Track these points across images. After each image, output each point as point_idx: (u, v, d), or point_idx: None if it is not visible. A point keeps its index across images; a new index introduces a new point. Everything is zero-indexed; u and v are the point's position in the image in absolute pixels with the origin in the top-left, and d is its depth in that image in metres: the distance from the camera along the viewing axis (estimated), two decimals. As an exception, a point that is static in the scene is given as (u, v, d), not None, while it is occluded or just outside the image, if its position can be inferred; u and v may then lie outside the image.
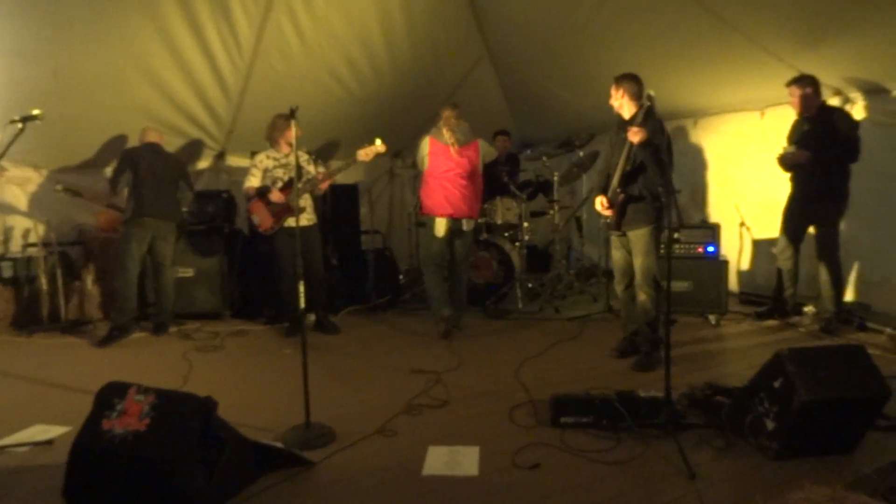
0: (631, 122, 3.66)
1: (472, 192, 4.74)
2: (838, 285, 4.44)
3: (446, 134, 4.65)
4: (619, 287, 4.02)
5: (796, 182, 4.59)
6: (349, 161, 4.61)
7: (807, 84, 4.34)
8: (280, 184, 4.72)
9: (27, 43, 4.46)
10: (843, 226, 4.53)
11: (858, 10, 3.83)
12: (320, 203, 5.31)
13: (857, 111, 4.69)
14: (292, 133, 4.60)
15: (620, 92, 3.77)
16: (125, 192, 4.86)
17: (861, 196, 4.74)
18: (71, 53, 4.68)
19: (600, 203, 3.89)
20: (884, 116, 4.57)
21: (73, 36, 4.56)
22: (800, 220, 4.59)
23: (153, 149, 4.99)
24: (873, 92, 4.63)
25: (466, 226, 4.76)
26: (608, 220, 3.92)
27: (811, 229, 4.58)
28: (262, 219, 4.73)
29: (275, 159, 4.79)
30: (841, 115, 4.38)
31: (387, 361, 4.15)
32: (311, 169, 4.84)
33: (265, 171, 4.76)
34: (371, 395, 3.45)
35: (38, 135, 5.04)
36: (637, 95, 3.73)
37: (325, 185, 4.84)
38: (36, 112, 3.06)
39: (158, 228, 4.90)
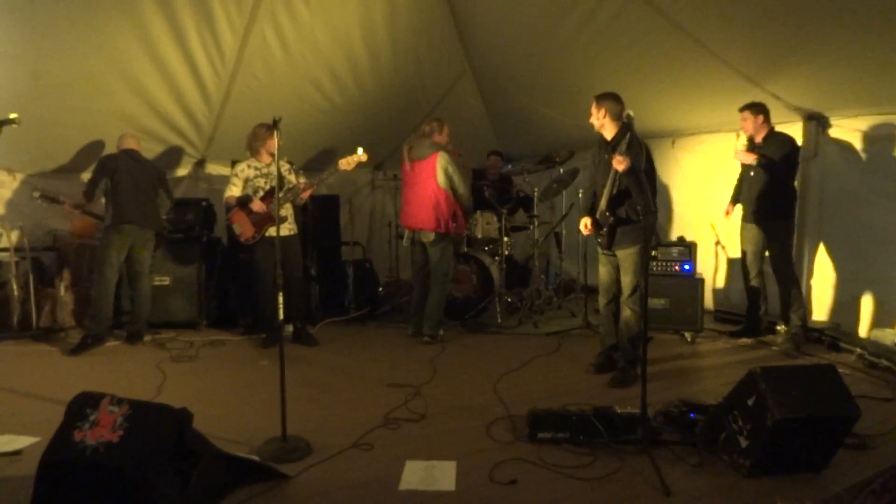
0: (614, 144, 3.75)
1: (428, 205, 4.83)
2: (796, 301, 4.60)
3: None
4: (602, 302, 4.07)
5: (745, 203, 4.84)
6: (331, 170, 4.60)
7: (759, 111, 4.60)
8: (261, 193, 4.69)
9: (5, 45, 4.39)
10: (813, 246, 4.66)
11: (825, 36, 3.95)
12: (300, 213, 5.28)
13: (832, 132, 4.84)
14: (274, 143, 4.60)
15: (602, 111, 3.82)
16: (101, 199, 4.81)
17: (831, 217, 4.88)
18: (50, 56, 4.61)
19: (584, 225, 3.95)
20: (849, 138, 4.72)
21: (53, 39, 4.49)
22: (748, 239, 4.84)
23: (131, 155, 4.93)
24: (840, 115, 4.77)
25: (424, 238, 4.90)
26: (599, 240, 3.97)
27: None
28: (243, 228, 4.69)
29: (256, 168, 4.77)
30: (783, 139, 4.61)
31: (364, 374, 4.13)
32: (291, 178, 4.82)
33: (246, 180, 4.74)
34: (348, 409, 3.43)
35: (15, 138, 4.96)
36: (618, 115, 3.78)
37: (306, 195, 4.81)
38: (13, 116, 3.02)
39: (138, 236, 4.84)
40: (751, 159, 4.53)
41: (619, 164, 3.55)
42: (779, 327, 4.78)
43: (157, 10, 4.54)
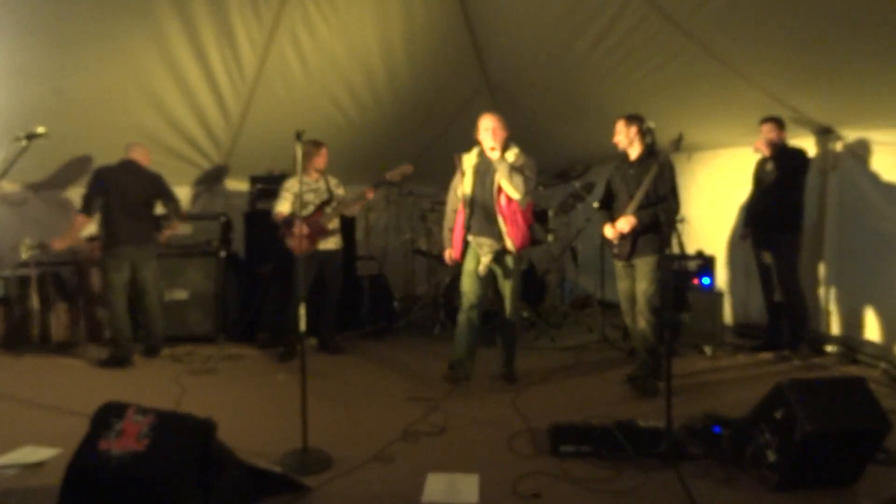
0: (640, 160, 3.89)
1: None
2: (800, 314, 4.63)
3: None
4: (627, 318, 4.06)
5: (751, 214, 4.89)
6: (379, 181, 4.78)
7: (782, 125, 4.63)
8: (311, 207, 4.80)
9: (30, 61, 4.48)
10: (831, 259, 4.62)
11: (846, 50, 3.94)
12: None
13: (848, 146, 4.82)
14: (323, 159, 4.66)
15: (633, 130, 3.87)
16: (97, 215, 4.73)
17: (849, 230, 4.83)
18: (74, 73, 4.71)
19: (609, 230, 3.97)
20: (867, 153, 4.70)
21: (77, 56, 4.59)
22: (759, 252, 4.86)
23: (127, 167, 4.80)
24: (856, 128, 4.75)
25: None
26: (615, 251, 3.97)
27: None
28: (297, 244, 4.73)
29: (305, 184, 4.86)
30: (795, 152, 4.65)
31: (383, 388, 4.12)
32: (340, 192, 4.96)
33: (295, 195, 4.81)
34: (367, 422, 3.42)
35: (38, 155, 5.05)
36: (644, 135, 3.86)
37: (357, 208, 4.97)
38: (41, 130, 3.06)
39: (136, 256, 4.78)
40: (767, 150, 4.58)
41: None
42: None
43: (179, 28, 4.62)
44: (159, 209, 5.06)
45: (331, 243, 4.90)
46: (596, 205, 5.63)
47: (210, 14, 4.57)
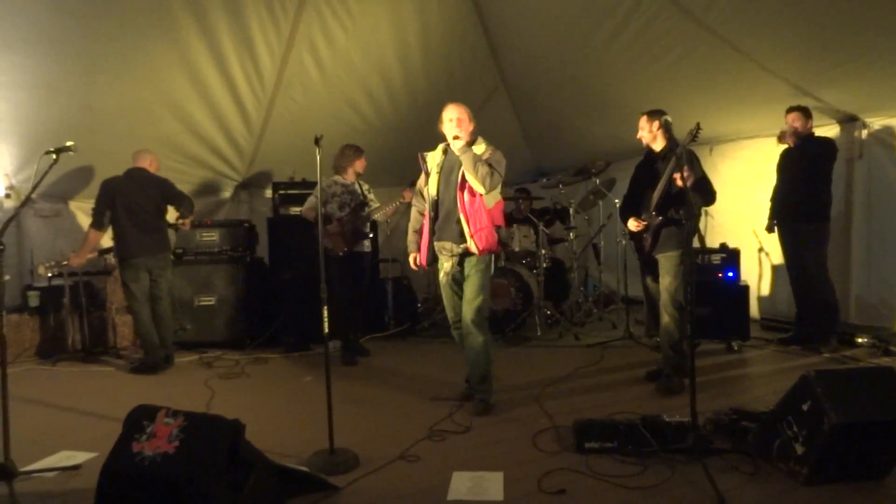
0: (663, 155, 3.82)
1: None
2: (830, 306, 4.54)
3: None
4: (653, 314, 4.03)
5: (777, 206, 4.80)
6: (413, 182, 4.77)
7: (809, 114, 4.50)
8: (347, 210, 4.88)
9: (60, 78, 4.63)
10: (863, 248, 4.54)
11: (868, 37, 3.87)
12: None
13: (874, 133, 4.73)
14: (362, 163, 4.75)
15: (656, 125, 3.84)
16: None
17: (878, 218, 4.74)
18: (101, 88, 4.84)
19: (633, 224, 3.94)
20: (895, 140, 4.61)
21: (104, 72, 4.72)
22: (787, 244, 4.77)
23: (133, 176, 4.75)
24: (885, 117, 4.66)
25: None
26: (638, 246, 3.95)
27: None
28: (334, 244, 4.82)
29: (343, 186, 4.94)
30: (822, 141, 4.54)
31: (407, 388, 4.14)
32: (372, 197, 5.07)
33: (333, 195, 4.89)
34: (393, 422, 3.44)
35: (69, 168, 5.21)
36: (668, 129, 3.82)
37: (391, 212, 5.06)
38: (69, 143, 3.13)
39: (151, 265, 4.78)
40: (791, 142, 4.49)
41: (687, 180, 3.49)
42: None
43: (201, 40, 4.73)
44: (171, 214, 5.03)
45: (364, 246, 5.01)
46: (617, 202, 5.61)
47: (229, 24, 4.67)
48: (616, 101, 5.69)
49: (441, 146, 3.68)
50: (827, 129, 4.90)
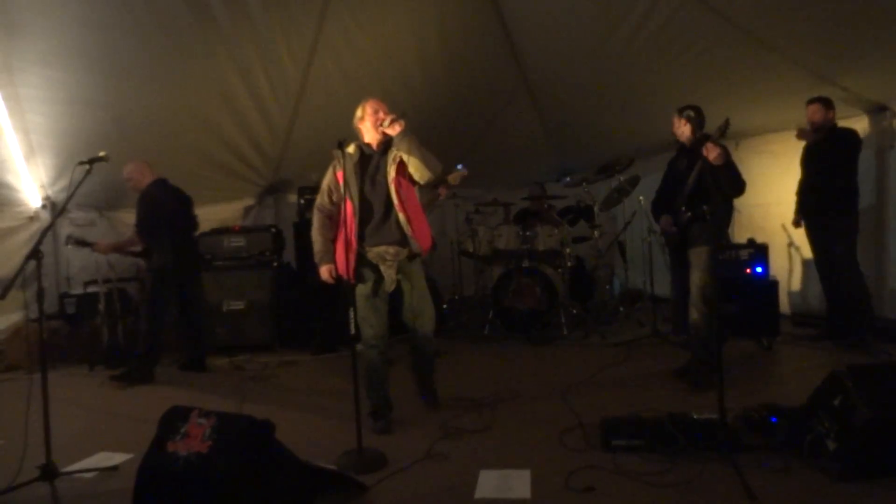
0: (692, 149, 3.79)
1: None
2: (862, 300, 4.45)
3: None
4: (682, 311, 4.00)
5: (803, 200, 4.73)
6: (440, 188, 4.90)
7: (831, 105, 4.43)
8: None
9: (91, 92, 4.78)
10: (894, 241, 4.44)
11: (893, 24, 3.79)
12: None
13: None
14: None
15: (682, 120, 3.84)
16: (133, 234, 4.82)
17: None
18: (130, 100, 4.97)
19: (666, 222, 3.93)
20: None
21: (132, 84, 4.84)
22: (815, 238, 4.72)
23: (165, 186, 4.81)
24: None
25: None
26: (667, 240, 3.94)
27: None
28: None
29: None
30: (846, 133, 4.45)
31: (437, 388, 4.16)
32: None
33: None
34: (419, 421, 3.46)
35: (101, 179, 5.34)
36: (700, 125, 3.83)
37: (428, 209, 5.06)
38: (102, 154, 3.23)
39: (180, 273, 4.81)
40: (809, 138, 4.47)
41: (712, 151, 3.44)
42: None
43: (226, 50, 4.81)
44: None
45: None
46: (641, 199, 5.58)
47: (253, 33, 4.74)
48: (640, 96, 5.65)
49: (354, 144, 3.36)
50: (855, 120, 4.80)
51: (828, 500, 2.31)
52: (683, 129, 3.89)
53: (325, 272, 3.33)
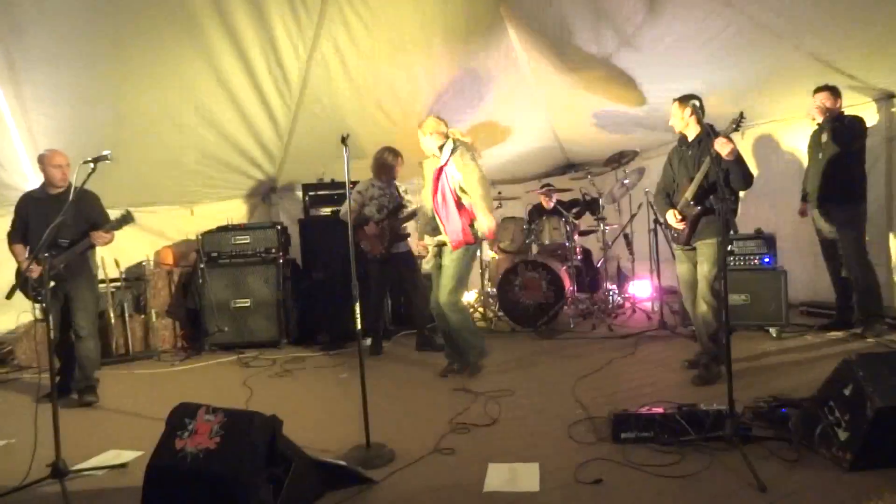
0: (698, 141, 3.73)
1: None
2: (871, 289, 4.42)
3: None
4: (688, 303, 3.97)
5: (814, 189, 4.62)
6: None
7: (838, 94, 4.38)
8: (385, 212, 4.97)
9: (93, 90, 4.78)
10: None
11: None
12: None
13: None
14: (400, 168, 4.89)
15: (688, 111, 3.76)
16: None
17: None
18: (133, 98, 4.97)
19: (673, 216, 3.87)
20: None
21: (135, 82, 4.84)
22: (822, 227, 4.67)
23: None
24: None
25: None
26: (675, 235, 3.90)
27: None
28: (372, 245, 4.94)
29: (380, 189, 5.02)
30: (853, 120, 4.39)
31: (443, 382, 4.17)
32: (409, 199, 5.15)
33: (371, 198, 4.97)
34: (428, 416, 3.46)
35: (106, 176, 5.34)
36: (701, 115, 3.75)
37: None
38: (106, 153, 3.24)
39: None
40: (822, 118, 4.40)
41: (725, 146, 3.43)
42: None
43: (227, 47, 4.80)
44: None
45: (402, 247, 5.12)
46: (647, 191, 5.53)
47: (254, 29, 4.73)
48: (648, 88, 5.62)
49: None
50: (862, 108, 4.75)
51: (839, 491, 2.28)
52: (687, 121, 3.82)
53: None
